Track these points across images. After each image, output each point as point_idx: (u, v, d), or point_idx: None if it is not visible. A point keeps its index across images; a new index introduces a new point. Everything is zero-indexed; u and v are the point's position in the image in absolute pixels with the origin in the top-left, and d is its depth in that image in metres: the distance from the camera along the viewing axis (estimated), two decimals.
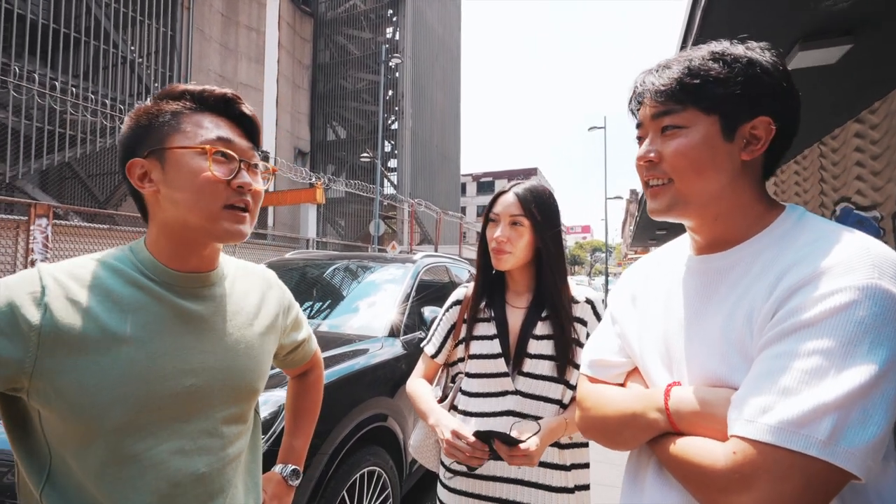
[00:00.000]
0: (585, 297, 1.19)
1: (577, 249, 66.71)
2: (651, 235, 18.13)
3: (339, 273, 3.22)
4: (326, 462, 1.75)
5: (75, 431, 0.62)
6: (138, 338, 0.65)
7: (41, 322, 0.60)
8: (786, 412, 0.50)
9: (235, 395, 0.74)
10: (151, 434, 0.65)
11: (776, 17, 2.75)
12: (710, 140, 0.64)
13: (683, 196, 0.66)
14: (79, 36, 10.58)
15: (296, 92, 19.60)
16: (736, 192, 0.66)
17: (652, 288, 0.78)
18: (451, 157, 26.98)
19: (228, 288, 0.78)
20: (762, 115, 0.63)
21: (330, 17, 22.00)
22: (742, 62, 0.64)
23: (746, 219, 0.66)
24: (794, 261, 0.58)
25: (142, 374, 0.64)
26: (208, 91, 0.72)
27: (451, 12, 26.76)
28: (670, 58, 0.70)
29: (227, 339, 0.74)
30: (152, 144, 0.68)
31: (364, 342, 2.36)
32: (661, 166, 0.67)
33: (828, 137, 4.87)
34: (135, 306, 0.66)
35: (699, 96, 0.64)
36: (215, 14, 15.44)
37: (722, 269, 0.67)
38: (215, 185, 0.67)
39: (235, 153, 0.70)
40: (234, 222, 0.69)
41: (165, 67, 12.77)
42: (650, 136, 0.69)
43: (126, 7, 11.65)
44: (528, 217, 1.15)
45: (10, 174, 8.97)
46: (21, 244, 5.93)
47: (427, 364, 1.31)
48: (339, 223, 21.79)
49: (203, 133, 0.68)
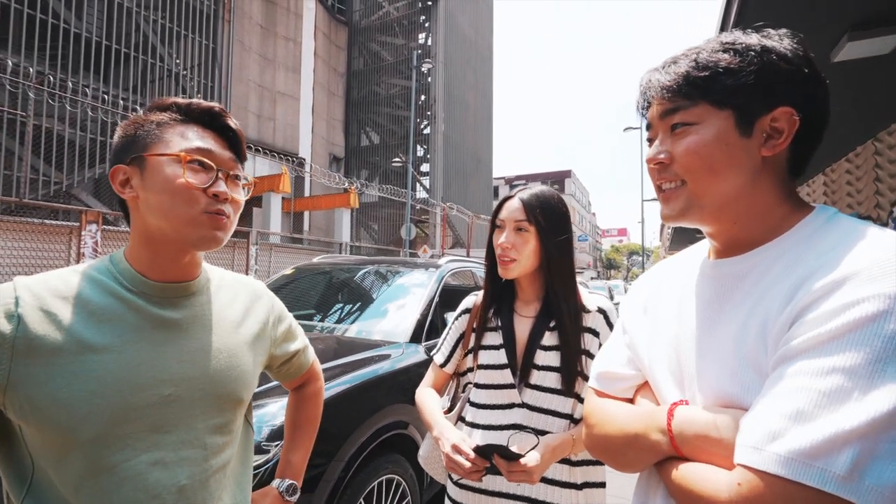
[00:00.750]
0: (598, 307, 1.14)
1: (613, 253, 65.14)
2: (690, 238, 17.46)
3: (364, 278, 3.24)
4: (343, 468, 1.74)
5: (52, 443, 0.62)
6: (114, 348, 0.65)
7: (14, 334, 0.60)
8: (799, 440, 0.44)
9: (217, 405, 0.73)
10: (129, 445, 0.64)
11: (821, 7, 2.58)
12: (724, 136, 0.58)
13: (698, 198, 0.61)
14: (129, 51, 11.19)
15: (331, 99, 20.04)
16: (756, 193, 0.59)
17: (664, 295, 0.72)
18: (484, 160, 26.89)
19: (211, 297, 0.78)
20: (782, 106, 0.57)
21: (364, 25, 22.42)
22: (755, 50, 0.58)
23: (768, 221, 0.60)
24: (816, 266, 0.51)
25: (118, 384, 0.64)
26: (195, 104, 0.73)
27: (482, 15, 26.75)
28: (678, 53, 0.64)
29: (207, 348, 0.74)
30: (135, 152, 0.70)
31: (386, 347, 2.35)
32: (672, 168, 0.62)
33: (883, 133, 4.54)
34: (111, 316, 0.66)
35: (709, 89, 0.59)
36: (254, 26, 16.01)
37: (737, 274, 0.61)
38: (190, 191, 0.68)
39: (215, 163, 0.71)
40: (212, 228, 0.70)
41: (208, 79, 13.33)
42: (660, 136, 0.64)
43: (171, 22, 12.25)
44: (532, 223, 1.11)
45: (66, 183, 9.56)
46: (73, 249, 6.30)
47: (436, 373, 1.28)
48: (373, 227, 22.10)
49: (183, 143, 0.70)
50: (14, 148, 8.39)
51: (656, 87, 0.63)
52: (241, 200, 0.75)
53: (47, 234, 6.11)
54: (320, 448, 1.68)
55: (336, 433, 1.76)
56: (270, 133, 15.91)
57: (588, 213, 61.00)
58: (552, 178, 48.12)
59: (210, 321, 0.76)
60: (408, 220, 13.98)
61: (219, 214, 0.70)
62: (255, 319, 0.85)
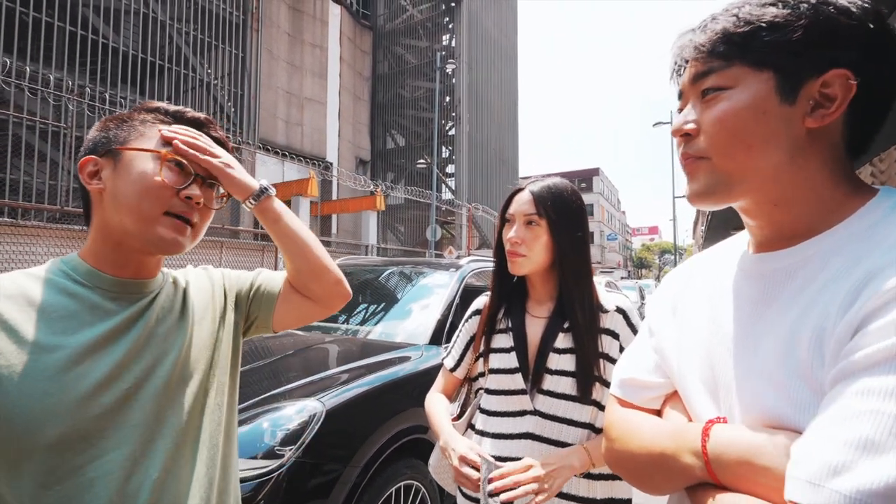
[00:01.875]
0: (616, 306, 1.06)
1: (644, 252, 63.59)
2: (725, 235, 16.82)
3: (385, 279, 3.21)
4: (360, 473, 1.71)
5: (7, 452, 0.60)
6: (67, 345, 0.63)
7: None
8: (869, 476, 0.35)
9: (180, 394, 0.72)
10: (94, 444, 0.63)
11: None
12: (760, 102, 0.50)
13: (726, 175, 0.52)
14: (163, 63, 11.61)
15: (356, 103, 20.29)
16: (802, 172, 0.50)
17: (695, 294, 0.64)
18: (510, 160, 26.68)
19: (169, 293, 0.77)
20: (836, 69, 0.48)
21: (388, 29, 22.61)
22: (809, 2, 0.49)
23: (819, 206, 0.51)
24: (884, 263, 0.42)
25: (74, 381, 0.62)
26: (183, 111, 0.74)
27: (506, 15, 26.57)
28: (718, 11, 0.55)
29: (166, 339, 0.72)
30: (111, 144, 0.69)
31: (405, 350, 2.31)
32: (698, 141, 0.54)
33: None
34: (63, 313, 0.65)
35: (748, 47, 0.50)
36: (282, 34, 16.36)
37: (785, 269, 0.52)
38: (161, 190, 0.67)
39: (192, 168, 0.71)
40: (171, 230, 0.68)
41: (237, 87, 13.69)
42: (690, 104, 0.56)
43: (203, 34, 12.65)
44: (543, 216, 1.03)
45: None
46: None
47: (446, 378, 1.22)
48: (399, 229, 22.22)
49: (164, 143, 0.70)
50: (58, 158, 8.83)
51: (689, 47, 0.55)
52: (213, 210, 0.74)
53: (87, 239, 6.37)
54: (335, 452, 1.66)
55: (352, 436, 1.73)
56: (298, 138, 16.21)
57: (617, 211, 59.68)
58: (579, 177, 47.32)
59: (167, 314, 0.74)
60: (433, 222, 13.99)
61: (183, 220, 0.69)
62: (207, 298, 0.82)
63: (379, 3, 22.74)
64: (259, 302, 0.86)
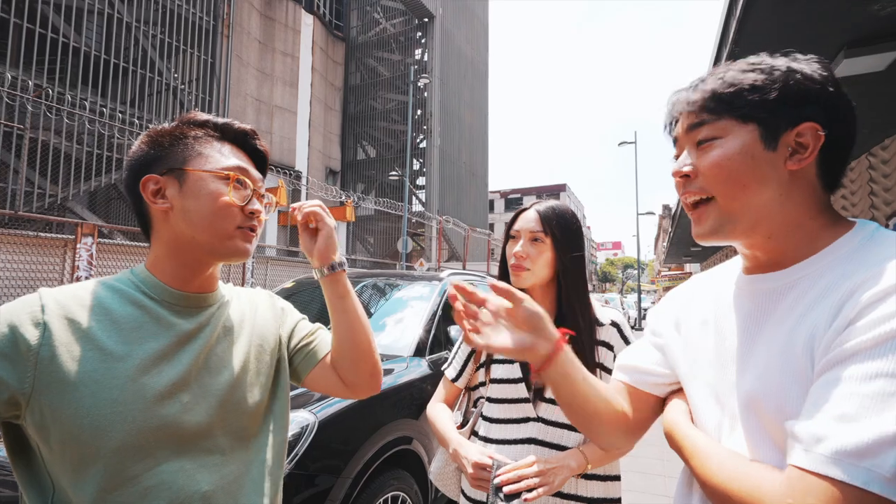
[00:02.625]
0: (611, 320, 1.14)
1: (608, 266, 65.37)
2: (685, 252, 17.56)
3: (366, 291, 3.21)
4: (350, 485, 1.70)
5: (73, 455, 0.61)
6: (135, 356, 0.66)
7: (40, 342, 0.61)
8: (843, 441, 0.45)
9: (235, 412, 0.74)
10: (150, 454, 0.64)
11: (818, 23, 2.63)
12: (748, 149, 0.59)
13: (729, 214, 0.61)
14: (127, 65, 11.24)
15: (327, 113, 20.17)
16: (787, 207, 0.60)
17: (698, 311, 0.73)
18: (479, 174, 27.06)
19: (226, 309, 0.80)
20: (807, 122, 0.58)
21: (361, 41, 22.69)
22: (781, 69, 0.60)
23: (804, 236, 0.60)
24: (863, 279, 0.51)
25: (140, 392, 0.64)
26: (231, 124, 0.78)
27: (478, 32, 27.16)
28: (705, 74, 0.67)
29: (223, 356, 0.76)
30: (172, 164, 0.72)
31: (389, 362, 2.32)
32: (697, 181, 0.63)
33: (877, 148, 4.61)
34: (133, 325, 0.68)
35: (734, 104, 0.60)
36: (252, 41, 16.15)
37: (779, 290, 0.60)
38: (231, 208, 0.72)
39: (250, 182, 0.75)
40: (243, 241, 0.74)
41: (205, 93, 13.39)
42: (686, 150, 0.65)
43: (170, 37, 12.34)
44: (548, 234, 1.12)
45: (61, 195, 9.50)
46: (68, 262, 6.23)
47: (448, 388, 1.27)
48: (369, 240, 22.07)
49: (224, 160, 0.74)
50: (10, 161, 8.35)
51: (683, 103, 0.65)
52: (265, 217, 0.79)
53: (42, 246, 6.06)
54: (327, 463, 1.65)
55: (344, 447, 1.73)
56: (267, 147, 15.95)
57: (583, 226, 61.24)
58: (547, 192, 48.39)
59: (226, 330, 0.78)
60: (404, 233, 13.99)
61: (250, 230, 0.75)
62: (265, 324, 0.86)
63: (352, 15, 22.82)
64: (302, 355, 0.88)
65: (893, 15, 2.47)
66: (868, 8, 2.43)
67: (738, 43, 2.81)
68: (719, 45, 3.11)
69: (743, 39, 2.79)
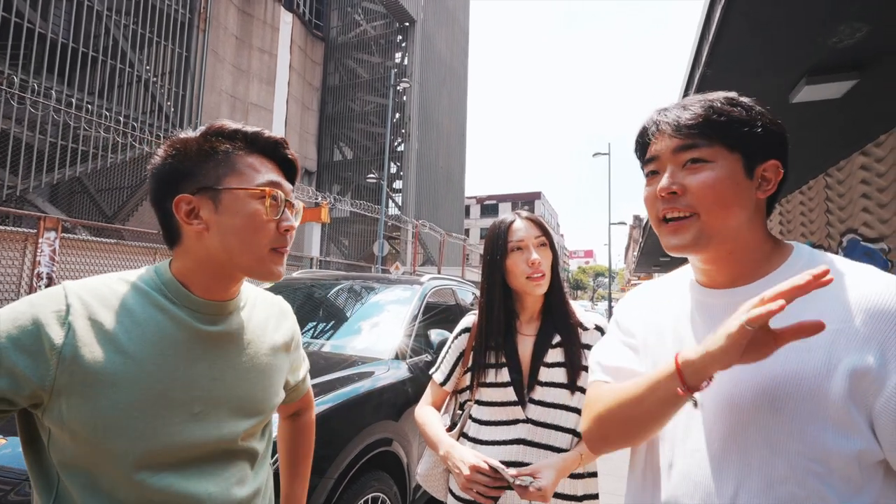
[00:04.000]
0: (595, 324, 1.20)
1: (580, 274, 66.53)
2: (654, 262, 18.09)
3: (346, 293, 3.22)
4: (332, 487, 1.71)
5: (86, 455, 0.62)
6: (154, 360, 0.66)
7: (64, 341, 0.61)
8: None
9: (243, 422, 0.75)
10: (157, 460, 0.65)
11: (783, 51, 2.81)
12: (735, 176, 0.66)
13: (709, 231, 0.67)
14: (96, 55, 10.86)
15: (305, 113, 19.94)
16: (752, 230, 0.68)
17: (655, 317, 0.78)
18: (456, 179, 27.21)
19: (246, 315, 0.79)
20: (774, 159, 0.68)
21: (341, 42, 22.55)
22: (756, 110, 0.69)
23: (757, 257, 0.69)
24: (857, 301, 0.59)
25: (156, 398, 0.65)
26: (260, 134, 0.74)
27: (458, 38, 27.40)
28: (686, 100, 0.72)
29: (239, 366, 0.75)
30: (205, 182, 0.69)
31: (370, 364, 2.34)
32: (684, 199, 0.68)
33: (833, 169, 4.90)
34: (154, 328, 0.67)
35: (726, 133, 0.67)
36: (229, 37, 15.85)
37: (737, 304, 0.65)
38: (268, 227, 0.70)
39: (283, 195, 0.73)
40: (277, 264, 0.72)
41: (179, 87, 13.05)
42: (670, 169, 0.70)
43: (143, 28, 11.99)
44: (547, 238, 1.19)
45: (21, 187, 9.08)
46: (28, 256, 5.96)
47: (435, 391, 1.29)
48: (343, 242, 21.87)
49: (258, 176, 0.71)
50: None
51: (672, 123, 0.70)
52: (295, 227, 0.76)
53: (0, 240, 5.78)
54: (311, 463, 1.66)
55: (324, 452, 1.74)
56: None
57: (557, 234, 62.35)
58: (522, 200, 49.04)
59: (244, 339, 0.77)
60: (380, 237, 13.93)
61: (280, 252, 0.72)
62: (284, 340, 0.86)
63: (333, 15, 22.67)
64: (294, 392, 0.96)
65: (850, 48, 2.66)
66: (827, 40, 2.61)
67: (710, 65, 2.96)
68: (692, 66, 3.27)
69: (715, 62, 2.95)
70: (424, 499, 2.57)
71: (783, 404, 0.59)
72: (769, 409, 0.60)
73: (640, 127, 0.77)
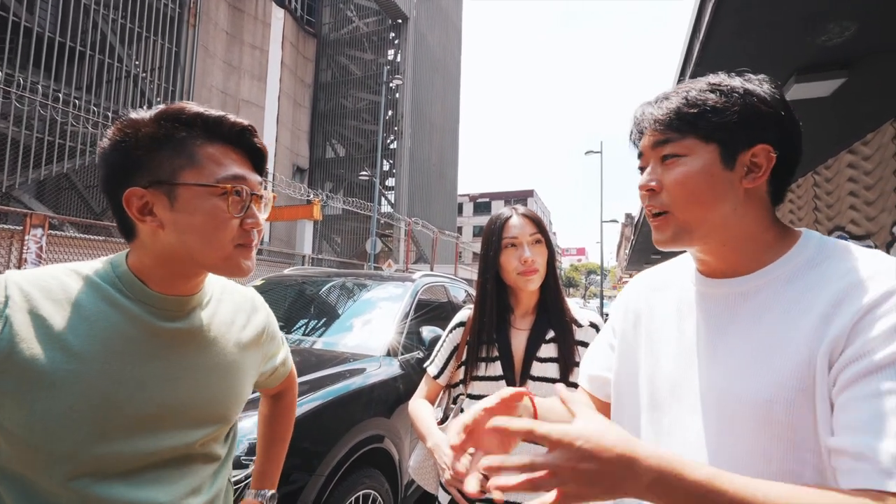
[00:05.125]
0: (590, 321, 1.21)
1: (572, 272, 66.87)
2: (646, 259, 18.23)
3: (338, 290, 3.20)
4: (322, 484, 1.71)
5: (21, 460, 0.57)
6: (101, 358, 0.60)
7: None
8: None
9: (202, 425, 0.70)
10: (106, 463, 0.60)
11: (773, 50, 2.83)
12: (709, 168, 0.64)
13: (685, 225, 0.66)
14: (84, 49, 10.71)
15: (296, 109, 19.81)
16: (742, 221, 0.65)
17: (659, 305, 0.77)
18: (449, 177, 27.20)
19: (211, 311, 0.74)
20: (761, 143, 0.63)
21: (333, 38, 22.42)
22: (739, 92, 0.64)
23: (757, 246, 0.65)
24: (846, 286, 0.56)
25: (99, 400, 0.59)
26: (224, 119, 0.66)
27: (451, 36, 27.35)
28: (669, 90, 0.71)
29: (201, 366, 0.70)
30: (158, 175, 0.62)
31: (361, 361, 2.33)
32: (661, 196, 0.67)
33: (821, 167, 4.96)
34: (104, 325, 0.62)
35: (697, 125, 0.65)
36: (220, 32, 15.69)
37: (741, 294, 0.65)
38: (229, 224, 0.64)
39: (248, 189, 0.66)
40: (245, 259, 0.67)
41: (169, 83, 12.91)
42: (651, 165, 0.69)
43: (132, 23, 11.84)
44: (543, 235, 1.20)
45: (6, 184, 8.94)
46: (14, 254, 5.88)
47: (429, 385, 1.30)
48: (336, 240, 21.78)
49: (219, 170, 0.64)
50: None
51: (649, 119, 0.69)
52: (263, 220, 0.70)
53: None
54: (299, 464, 1.65)
55: (314, 449, 1.73)
56: None
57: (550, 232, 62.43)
58: (515, 197, 49.14)
59: (208, 336, 0.71)
60: (373, 234, 13.90)
61: (247, 247, 0.67)
62: (253, 335, 0.81)
63: (325, 12, 22.53)
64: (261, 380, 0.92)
65: (839, 46, 2.69)
66: (817, 39, 2.63)
67: (701, 63, 2.98)
68: (683, 64, 3.29)
69: (705, 61, 2.96)
70: (416, 496, 2.56)
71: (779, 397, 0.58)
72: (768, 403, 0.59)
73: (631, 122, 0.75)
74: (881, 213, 3.94)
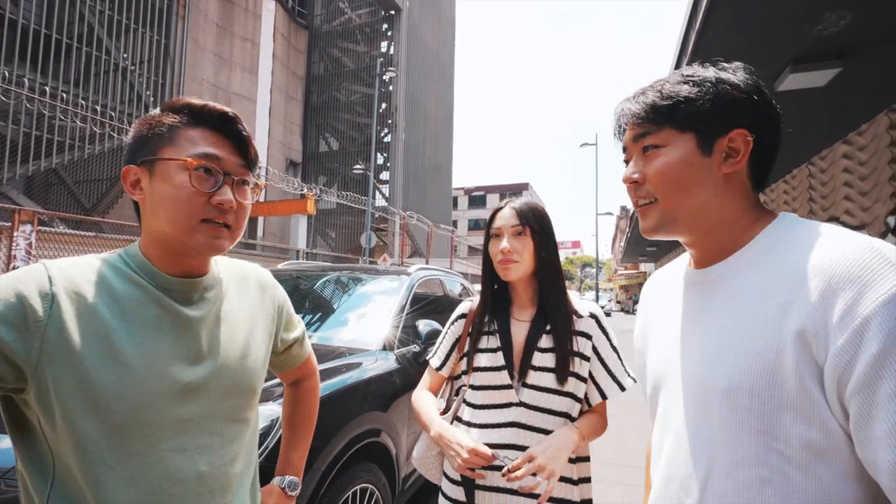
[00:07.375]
0: (590, 312, 1.21)
1: (568, 264, 67.19)
2: (641, 252, 18.33)
3: (333, 285, 3.18)
4: (319, 479, 1.70)
5: (74, 430, 0.61)
6: (138, 335, 0.66)
7: (48, 313, 0.61)
8: None
9: (234, 395, 0.76)
10: (151, 432, 0.65)
11: (768, 40, 2.81)
12: (688, 157, 0.66)
13: (670, 213, 0.68)
14: (71, 42, 10.53)
15: (289, 103, 19.64)
16: (722, 206, 0.67)
17: (658, 308, 0.81)
18: (444, 170, 27.14)
19: (224, 291, 0.79)
20: (737, 128, 0.64)
21: (325, 30, 22.20)
22: (711, 81, 0.67)
23: (735, 230, 0.67)
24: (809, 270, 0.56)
25: (142, 371, 0.65)
26: (209, 107, 0.72)
27: (445, 27, 27.17)
28: (646, 86, 0.73)
29: (223, 341, 0.76)
30: (146, 154, 0.70)
31: (358, 355, 2.31)
32: (645, 187, 0.70)
33: (816, 158, 4.98)
34: (135, 304, 0.67)
35: (672, 116, 0.67)
36: (210, 24, 15.49)
37: (712, 281, 0.68)
38: (194, 198, 0.68)
39: (223, 169, 0.70)
40: (210, 236, 0.69)
41: (158, 76, 12.74)
42: (634, 157, 0.72)
43: (120, 15, 11.65)
44: (527, 227, 1.19)
45: None
46: (3, 250, 5.80)
47: (432, 376, 1.31)
48: (330, 234, 21.71)
49: (192, 148, 0.69)
50: None
51: (628, 114, 0.72)
52: (247, 205, 0.74)
53: None
54: None
55: (312, 444, 1.71)
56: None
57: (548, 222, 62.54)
58: (510, 190, 49.07)
59: (224, 315, 0.77)
60: (368, 228, 13.86)
61: (216, 224, 0.70)
62: (265, 310, 0.87)
63: (316, 3, 22.28)
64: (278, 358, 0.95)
65: (834, 36, 2.68)
66: (813, 28, 2.62)
67: (697, 54, 2.96)
68: (679, 55, 3.27)
69: (700, 52, 2.95)
70: (414, 489, 2.56)
71: (742, 384, 0.59)
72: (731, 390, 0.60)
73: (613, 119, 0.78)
74: (875, 204, 3.96)
